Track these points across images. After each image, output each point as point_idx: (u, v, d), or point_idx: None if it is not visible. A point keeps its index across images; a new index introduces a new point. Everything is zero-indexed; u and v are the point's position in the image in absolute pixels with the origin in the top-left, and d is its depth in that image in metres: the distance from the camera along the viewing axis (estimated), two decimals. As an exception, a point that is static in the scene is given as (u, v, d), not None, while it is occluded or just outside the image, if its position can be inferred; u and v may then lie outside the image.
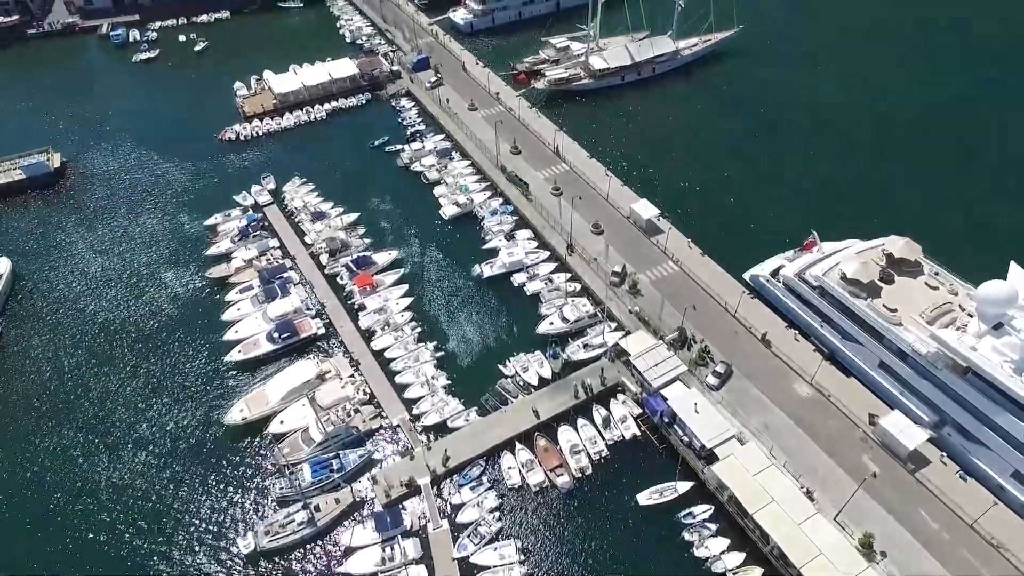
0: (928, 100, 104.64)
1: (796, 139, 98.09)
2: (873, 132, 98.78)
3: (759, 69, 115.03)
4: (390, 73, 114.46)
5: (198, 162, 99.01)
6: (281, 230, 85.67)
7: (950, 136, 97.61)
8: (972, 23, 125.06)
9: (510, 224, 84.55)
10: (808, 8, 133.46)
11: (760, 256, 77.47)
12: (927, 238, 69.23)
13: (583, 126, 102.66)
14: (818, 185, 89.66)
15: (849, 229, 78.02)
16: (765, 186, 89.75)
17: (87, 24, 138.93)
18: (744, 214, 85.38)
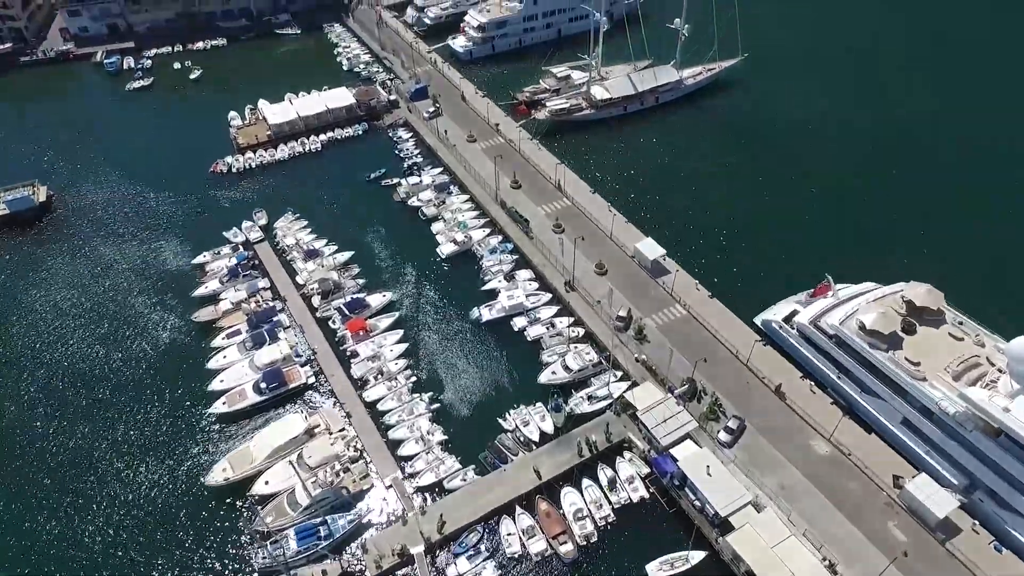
0: (944, 128, 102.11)
1: (805, 172, 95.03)
2: (886, 164, 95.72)
3: (764, 98, 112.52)
4: (387, 103, 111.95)
5: (188, 196, 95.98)
6: (272, 269, 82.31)
7: (970, 167, 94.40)
8: (984, 40, 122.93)
9: (510, 263, 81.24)
10: (812, 35, 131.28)
11: (771, 298, 74.13)
12: (946, 281, 65.95)
13: (585, 158, 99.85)
14: (829, 221, 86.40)
15: (863, 269, 74.89)
16: (774, 222, 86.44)
17: (81, 52, 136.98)
18: (753, 253, 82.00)
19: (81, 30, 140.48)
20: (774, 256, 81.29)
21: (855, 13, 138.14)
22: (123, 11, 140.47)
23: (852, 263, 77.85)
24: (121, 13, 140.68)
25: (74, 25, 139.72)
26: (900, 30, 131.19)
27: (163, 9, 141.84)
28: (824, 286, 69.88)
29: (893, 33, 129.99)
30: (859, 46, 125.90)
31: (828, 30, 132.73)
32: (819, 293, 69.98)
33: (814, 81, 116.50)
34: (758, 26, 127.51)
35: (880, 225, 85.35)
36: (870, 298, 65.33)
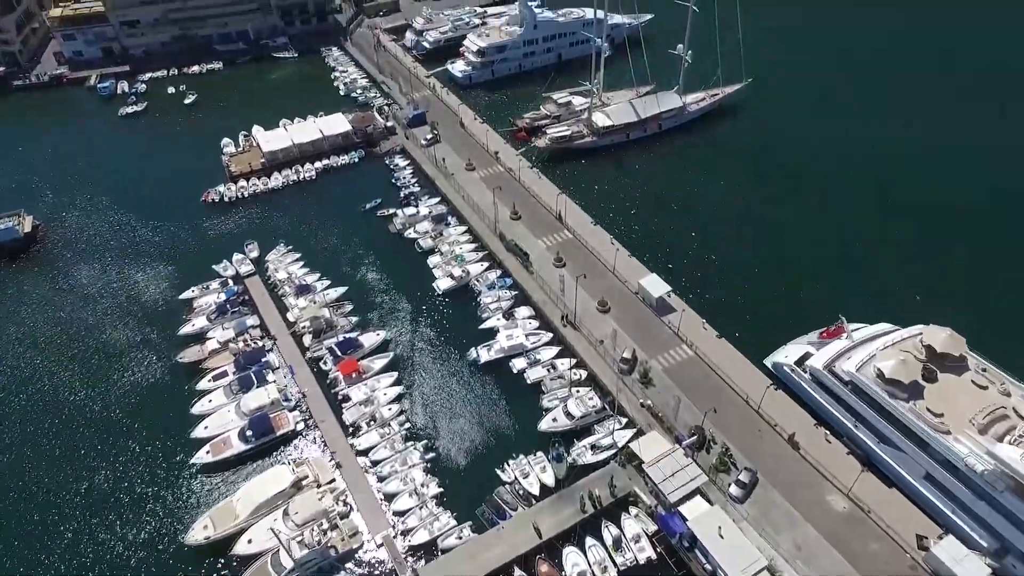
0: (957, 154, 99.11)
1: (813, 203, 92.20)
2: (898, 196, 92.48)
3: (769, 125, 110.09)
4: (384, 129, 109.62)
5: (178, 226, 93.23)
6: (262, 305, 79.25)
7: (988, 201, 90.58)
8: (994, 58, 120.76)
9: (509, 300, 78.20)
10: (817, 59, 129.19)
11: (781, 338, 71.14)
12: (965, 323, 62.90)
13: (586, 188, 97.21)
14: (840, 257, 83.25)
15: (877, 309, 72.05)
16: (782, 257, 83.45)
17: (75, 75, 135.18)
18: (761, 289, 78.91)
19: (76, 54, 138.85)
20: (783, 293, 78.22)
21: (862, 38, 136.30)
22: (118, 35, 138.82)
23: (865, 302, 74.98)
24: (116, 37, 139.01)
25: (68, 49, 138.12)
26: (909, 55, 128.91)
27: (159, 33, 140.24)
28: (838, 327, 66.77)
29: (902, 58, 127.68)
30: (866, 71, 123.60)
31: (834, 55, 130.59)
32: (832, 335, 66.78)
33: (820, 107, 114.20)
34: (762, 50, 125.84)
35: (894, 262, 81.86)
36: (887, 342, 62.12)
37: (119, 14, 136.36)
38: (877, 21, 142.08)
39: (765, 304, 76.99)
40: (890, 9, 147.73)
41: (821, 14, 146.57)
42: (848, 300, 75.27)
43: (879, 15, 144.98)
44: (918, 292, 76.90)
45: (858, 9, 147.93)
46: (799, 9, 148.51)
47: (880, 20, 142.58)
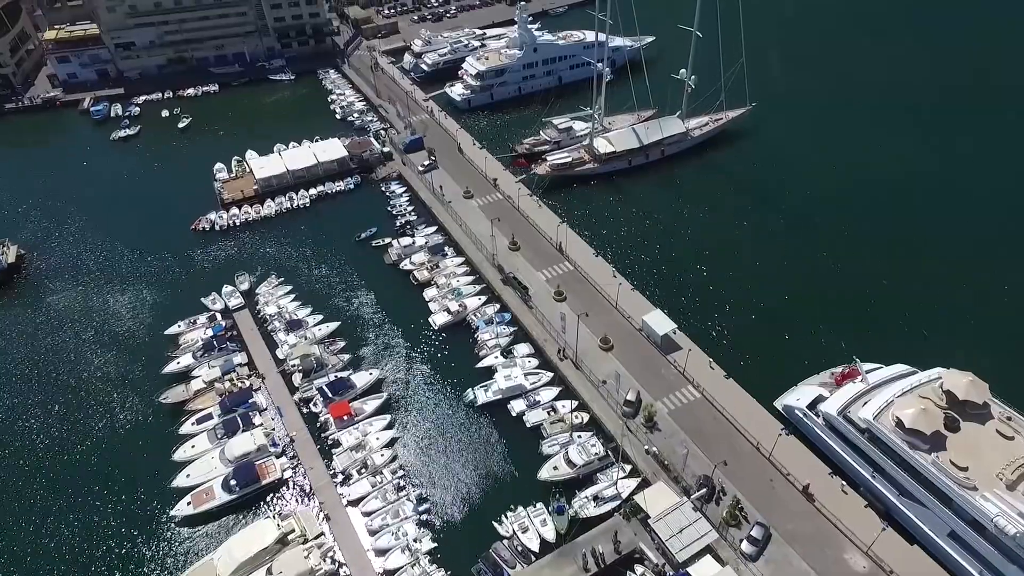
0: (969, 185, 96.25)
1: (820, 232, 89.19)
2: (910, 229, 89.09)
3: (774, 150, 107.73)
4: (381, 155, 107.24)
5: (167, 256, 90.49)
6: (251, 341, 76.22)
7: (1002, 228, 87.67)
8: (1007, 84, 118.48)
9: (507, 336, 75.13)
10: (821, 83, 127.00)
11: (791, 377, 68.08)
12: (985, 364, 60.07)
13: (588, 217, 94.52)
14: (850, 289, 79.95)
15: (891, 348, 69.03)
16: (790, 292, 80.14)
17: (69, 98, 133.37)
18: (769, 326, 75.71)
19: (70, 76, 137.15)
20: (792, 330, 75.02)
21: (867, 62, 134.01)
22: (113, 57, 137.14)
23: (877, 340, 72.03)
24: (111, 59, 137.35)
25: (63, 71, 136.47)
26: (916, 81, 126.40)
27: (155, 55, 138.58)
28: (852, 370, 63.73)
29: (909, 84, 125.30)
30: (872, 96, 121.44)
31: (838, 79, 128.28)
32: (846, 377, 63.68)
33: (825, 132, 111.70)
34: (765, 74, 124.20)
35: (906, 297, 78.39)
36: (904, 387, 59.00)
37: (114, 36, 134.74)
38: (883, 46, 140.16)
39: (773, 341, 73.88)
40: (897, 34, 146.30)
41: (825, 38, 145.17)
42: (859, 338, 72.43)
43: (886, 40, 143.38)
44: (933, 330, 73.67)
45: (864, 34, 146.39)
46: (803, 33, 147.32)
47: (887, 45, 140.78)
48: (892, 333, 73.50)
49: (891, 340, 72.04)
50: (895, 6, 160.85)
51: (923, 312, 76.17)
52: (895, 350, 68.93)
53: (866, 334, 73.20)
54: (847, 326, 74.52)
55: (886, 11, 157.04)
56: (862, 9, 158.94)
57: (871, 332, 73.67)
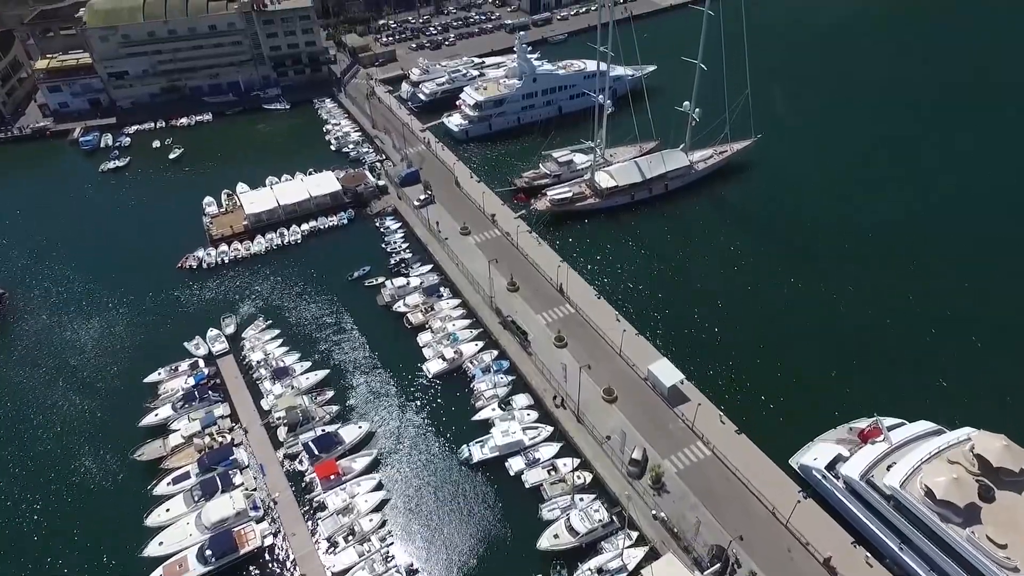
0: (990, 224, 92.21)
1: (832, 273, 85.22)
2: (922, 264, 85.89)
3: (780, 185, 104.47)
4: (375, 188, 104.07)
5: (151, 296, 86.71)
6: (234, 391, 72.19)
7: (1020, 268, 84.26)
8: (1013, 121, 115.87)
9: (505, 386, 71.06)
10: (827, 113, 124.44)
11: (806, 430, 64.20)
12: (1014, 417, 56.19)
13: (589, 255, 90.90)
14: (864, 332, 76.04)
15: (912, 401, 65.62)
16: (801, 334, 76.25)
17: (59, 128, 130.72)
18: (781, 373, 71.70)
19: (61, 105, 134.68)
20: (805, 378, 70.88)
21: (875, 92, 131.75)
22: (106, 86, 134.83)
23: (897, 390, 68.14)
24: (104, 88, 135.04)
25: (54, 100, 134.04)
26: (928, 111, 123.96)
27: (148, 84, 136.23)
28: (873, 429, 59.65)
29: (919, 114, 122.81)
30: (880, 125, 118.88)
31: (846, 110, 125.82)
32: (867, 437, 59.60)
33: (832, 166, 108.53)
34: (771, 105, 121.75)
35: (927, 345, 74.27)
36: (932, 450, 54.92)
37: (107, 66, 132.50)
38: (892, 78, 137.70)
39: (786, 391, 69.79)
40: (907, 65, 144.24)
41: (832, 69, 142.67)
42: (877, 387, 68.58)
43: (894, 72, 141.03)
44: (957, 382, 69.44)
45: (871, 64, 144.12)
46: (809, 63, 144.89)
47: (896, 75, 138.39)
48: (913, 383, 69.40)
49: (911, 390, 68.13)
50: (903, 37, 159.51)
51: (945, 361, 71.97)
52: (917, 403, 65.32)
53: (884, 383, 69.32)
54: (864, 374, 70.64)
55: (895, 43, 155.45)
56: (870, 40, 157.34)
57: (890, 381, 69.71)
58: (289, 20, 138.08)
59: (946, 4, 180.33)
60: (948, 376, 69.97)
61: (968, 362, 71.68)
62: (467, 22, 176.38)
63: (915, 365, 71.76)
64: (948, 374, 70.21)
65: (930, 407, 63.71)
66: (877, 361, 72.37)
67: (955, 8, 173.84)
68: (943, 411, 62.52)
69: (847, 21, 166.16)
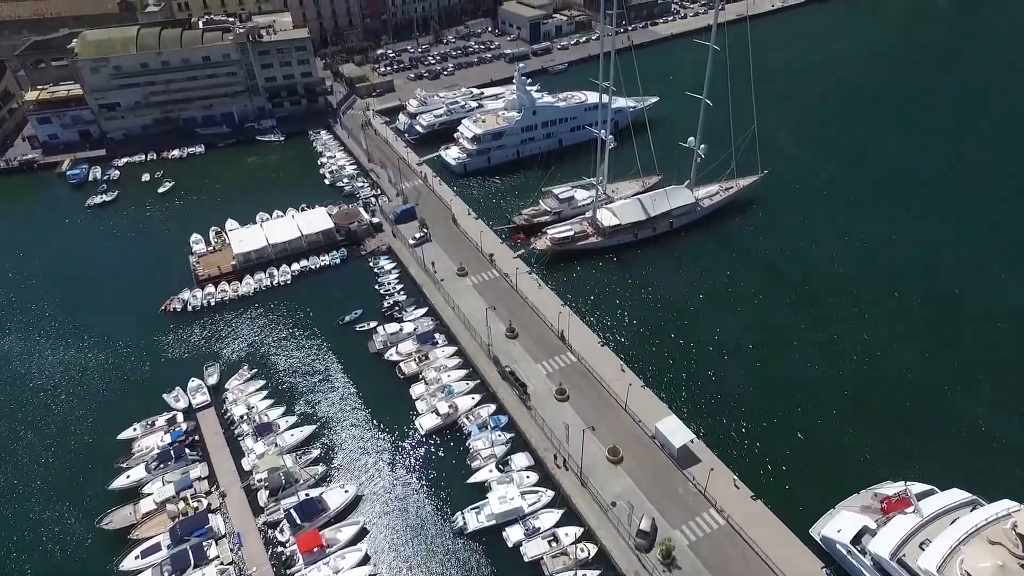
0: (1010, 264, 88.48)
1: (846, 317, 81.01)
2: (947, 310, 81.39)
3: (789, 220, 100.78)
4: (370, 225, 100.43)
5: (132, 342, 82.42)
6: (214, 449, 67.59)
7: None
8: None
9: (503, 445, 66.46)
10: (835, 147, 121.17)
11: (826, 495, 59.62)
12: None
13: (591, 297, 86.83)
14: (884, 385, 71.41)
15: (939, 464, 61.01)
16: (817, 386, 71.79)
17: (47, 160, 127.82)
18: (797, 430, 66.98)
19: (51, 137, 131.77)
20: (824, 438, 66.15)
21: (883, 125, 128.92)
22: (97, 118, 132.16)
23: (924, 452, 63.62)
24: (95, 120, 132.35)
25: (43, 132, 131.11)
26: (937, 143, 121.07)
27: (140, 115, 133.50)
28: (902, 499, 54.98)
29: (928, 146, 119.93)
30: (893, 158, 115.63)
31: (855, 143, 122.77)
32: (895, 507, 54.88)
33: (845, 200, 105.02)
34: (777, 140, 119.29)
35: (959, 404, 69.13)
36: (968, 526, 50.38)
37: (98, 97, 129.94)
38: (900, 111, 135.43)
39: (803, 450, 65.15)
40: (915, 99, 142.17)
41: (839, 103, 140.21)
42: (903, 450, 63.97)
43: (902, 104, 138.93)
44: (990, 444, 64.70)
45: (878, 97, 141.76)
46: (815, 96, 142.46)
47: (903, 108, 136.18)
48: (942, 444, 64.74)
49: (940, 452, 63.51)
50: (910, 69, 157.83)
51: (977, 420, 67.09)
52: (947, 467, 60.84)
53: (910, 442, 64.74)
54: (886, 432, 65.99)
55: (901, 75, 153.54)
56: (876, 72, 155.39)
57: (916, 440, 65.13)
58: (285, 51, 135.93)
59: (954, 36, 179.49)
60: (981, 438, 65.16)
61: (1004, 423, 66.75)
62: (466, 51, 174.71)
63: (944, 424, 66.94)
64: (980, 436, 65.41)
65: (962, 472, 59.07)
66: (901, 418, 67.72)
67: (963, 41, 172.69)
68: (976, 478, 57.85)
69: (853, 54, 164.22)
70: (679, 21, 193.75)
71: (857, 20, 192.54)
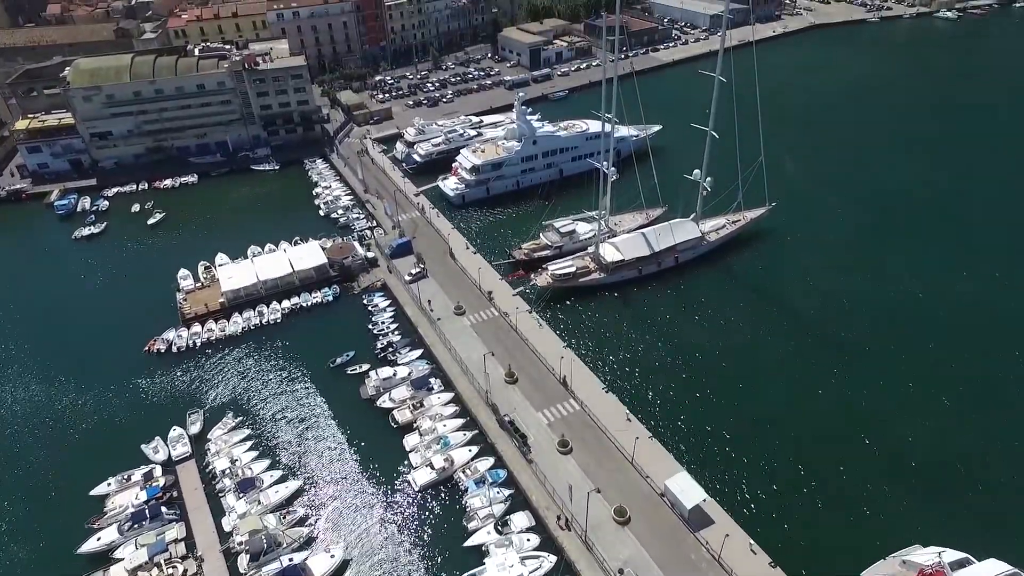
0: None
1: (867, 363, 76.35)
2: (972, 356, 76.97)
3: (799, 255, 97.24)
4: (364, 260, 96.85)
5: (112, 386, 78.27)
6: (193, 507, 63.18)
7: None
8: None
9: (502, 503, 61.97)
10: (844, 177, 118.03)
11: (850, 562, 54.81)
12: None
13: (594, 337, 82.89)
14: (909, 443, 66.71)
15: (972, 526, 56.46)
16: (836, 439, 67.31)
17: (36, 190, 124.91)
18: (816, 489, 62.48)
19: (40, 166, 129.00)
20: (844, 497, 61.62)
21: (892, 156, 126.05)
22: (88, 147, 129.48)
23: (954, 516, 59.13)
24: (86, 149, 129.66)
25: (33, 161, 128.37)
26: (949, 177, 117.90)
27: (132, 145, 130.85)
28: (937, 571, 50.56)
29: (938, 181, 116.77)
30: (893, 193, 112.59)
31: (864, 171, 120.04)
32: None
33: (856, 231, 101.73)
34: (784, 169, 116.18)
35: (992, 462, 64.54)
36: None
37: (90, 126, 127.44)
38: (910, 139, 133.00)
39: (823, 508, 60.73)
40: (924, 129, 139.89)
41: (848, 132, 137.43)
42: (929, 512, 59.56)
43: (912, 133, 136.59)
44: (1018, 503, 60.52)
45: (887, 126, 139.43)
46: (823, 126, 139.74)
47: (914, 139, 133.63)
48: (975, 505, 60.20)
49: (973, 512, 59.12)
50: (918, 97, 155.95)
51: (1013, 478, 62.66)
52: (981, 530, 56.37)
53: (941, 502, 60.44)
54: (916, 492, 61.47)
55: (909, 103, 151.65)
56: (884, 101, 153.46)
57: (946, 500, 60.76)
58: (281, 79, 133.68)
59: (961, 64, 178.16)
60: (1020, 503, 60.65)
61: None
62: (465, 78, 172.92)
63: (979, 484, 62.21)
64: (1020, 500, 60.90)
65: (999, 540, 54.45)
66: (931, 476, 63.11)
67: (971, 69, 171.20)
68: (1017, 546, 53.41)
69: (857, 80, 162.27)
70: (680, 47, 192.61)
71: (859, 46, 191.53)
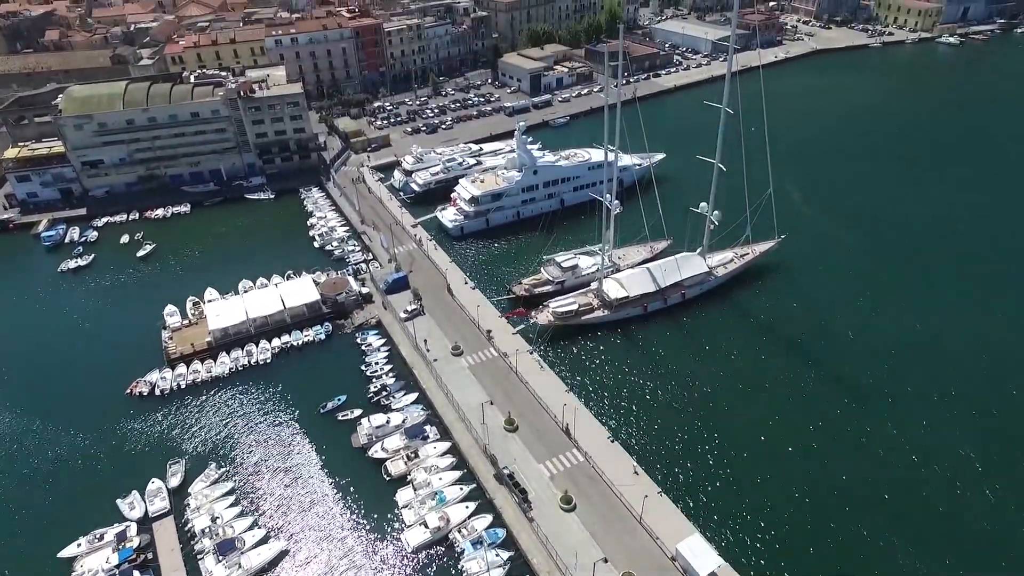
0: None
1: (888, 406, 72.57)
2: (990, 399, 73.56)
3: (809, 289, 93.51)
4: (358, 296, 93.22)
5: (90, 433, 74.08)
6: (168, 571, 58.76)
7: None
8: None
9: (501, 568, 57.53)
10: (855, 208, 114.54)
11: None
12: None
13: (598, 380, 78.94)
14: (941, 496, 62.75)
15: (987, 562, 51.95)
16: (860, 493, 62.93)
17: (24, 220, 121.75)
18: (834, 547, 58.18)
19: (30, 196, 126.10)
20: (875, 561, 57.35)
21: (903, 185, 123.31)
22: (79, 175, 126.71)
23: (972, 562, 54.69)
24: (76, 177, 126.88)
25: (21, 191, 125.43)
26: (961, 195, 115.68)
27: (124, 173, 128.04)
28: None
29: (948, 215, 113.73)
30: (904, 225, 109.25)
31: (875, 201, 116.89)
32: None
33: (868, 265, 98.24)
34: (792, 200, 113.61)
35: (1001, 499, 61.55)
36: None
37: (81, 155, 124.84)
38: (918, 163, 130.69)
39: (840, 568, 56.38)
40: (934, 151, 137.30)
41: (856, 163, 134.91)
42: (957, 565, 55.27)
43: (921, 156, 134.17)
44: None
45: (896, 155, 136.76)
46: (831, 156, 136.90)
47: (923, 164, 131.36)
48: (999, 558, 56.03)
49: (991, 558, 54.79)
50: (927, 126, 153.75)
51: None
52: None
53: (973, 564, 55.90)
54: (951, 554, 57.09)
55: (917, 131, 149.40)
56: (891, 129, 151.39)
57: (979, 561, 56.29)
58: (277, 106, 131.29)
59: (967, 90, 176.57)
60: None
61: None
62: (465, 104, 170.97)
63: (995, 528, 58.39)
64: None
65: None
66: (963, 535, 58.91)
67: (977, 95, 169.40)
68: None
69: (867, 109, 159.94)
70: (682, 72, 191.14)
71: (863, 71, 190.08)
